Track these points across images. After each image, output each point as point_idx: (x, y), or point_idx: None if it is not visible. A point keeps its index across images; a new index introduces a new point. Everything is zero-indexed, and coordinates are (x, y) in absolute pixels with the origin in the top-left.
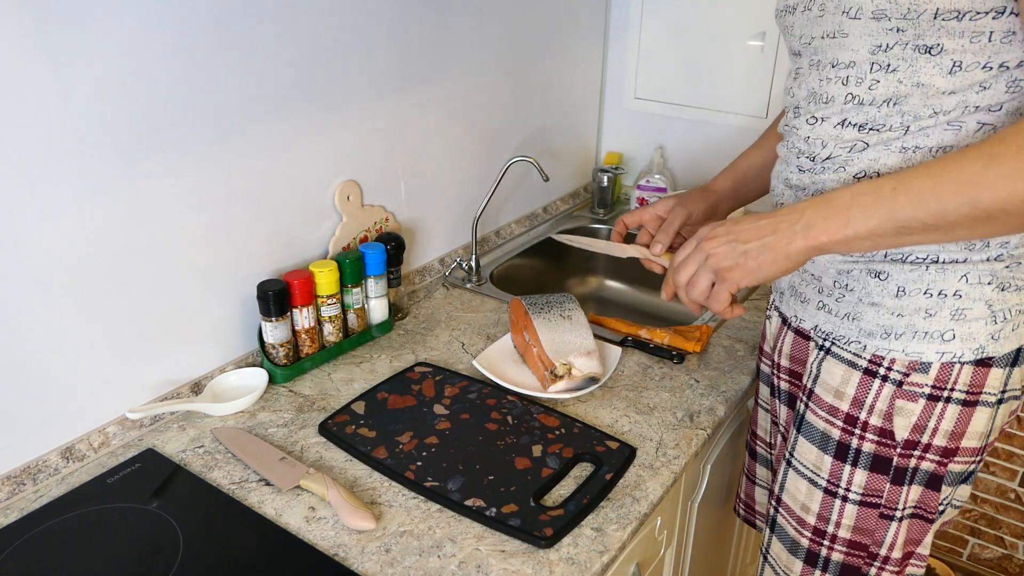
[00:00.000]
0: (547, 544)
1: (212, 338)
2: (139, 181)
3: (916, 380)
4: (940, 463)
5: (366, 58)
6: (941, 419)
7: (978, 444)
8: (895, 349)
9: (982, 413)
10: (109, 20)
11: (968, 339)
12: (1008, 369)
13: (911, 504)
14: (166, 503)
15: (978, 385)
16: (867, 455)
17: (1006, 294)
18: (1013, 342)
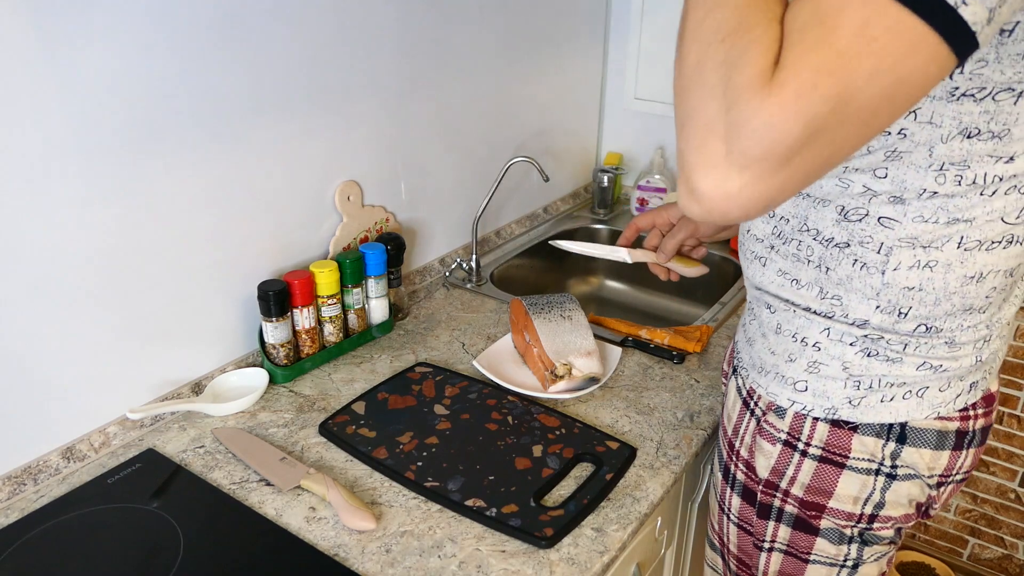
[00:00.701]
0: (547, 544)
1: (212, 338)
2: (140, 181)
3: (773, 422)
4: (810, 515)
5: (367, 58)
6: (798, 470)
7: (853, 509)
8: (761, 385)
9: (852, 478)
10: (110, 20)
11: (820, 395)
12: (891, 443)
13: (781, 541)
14: (166, 503)
15: (839, 447)
16: (740, 483)
17: (872, 361)
18: (884, 415)
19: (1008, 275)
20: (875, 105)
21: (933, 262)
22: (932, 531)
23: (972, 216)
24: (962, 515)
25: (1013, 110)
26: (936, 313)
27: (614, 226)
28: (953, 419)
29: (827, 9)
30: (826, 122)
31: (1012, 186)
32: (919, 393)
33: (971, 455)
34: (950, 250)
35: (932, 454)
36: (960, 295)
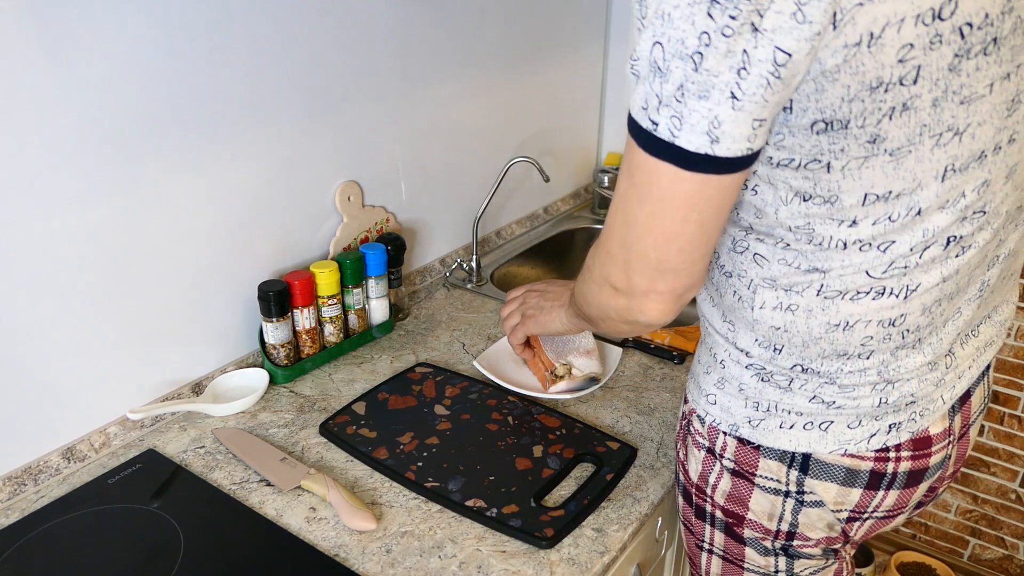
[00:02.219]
0: (548, 545)
1: (213, 339)
2: (140, 181)
3: (696, 428)
4: (732, 522)
5: (367, 58)
6: (720, 478)
7: (769, 525)
8: (689, 390)
9: (762, 496)
10: (110, 20)
11: (726, 411)
12: (794, 471)
13: (718, 545)
14: (167, 504)
15: (747, 464)
16: (680, 482)
17: (766, 386)
18: (784, 441)
19: (888, 324)
20: (655, 227)
21: (794, 306)
22: (932, 531)
23: (828, 267)
24: (963, 515)
25: (830, 177)
26: (809, 355)
27: None
28: (866, 459)
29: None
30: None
31: (866, 245)
32: (822, 426)
33: (893, 496)
34: (810, 296)
35: (839, 489)
36: (828, 340)
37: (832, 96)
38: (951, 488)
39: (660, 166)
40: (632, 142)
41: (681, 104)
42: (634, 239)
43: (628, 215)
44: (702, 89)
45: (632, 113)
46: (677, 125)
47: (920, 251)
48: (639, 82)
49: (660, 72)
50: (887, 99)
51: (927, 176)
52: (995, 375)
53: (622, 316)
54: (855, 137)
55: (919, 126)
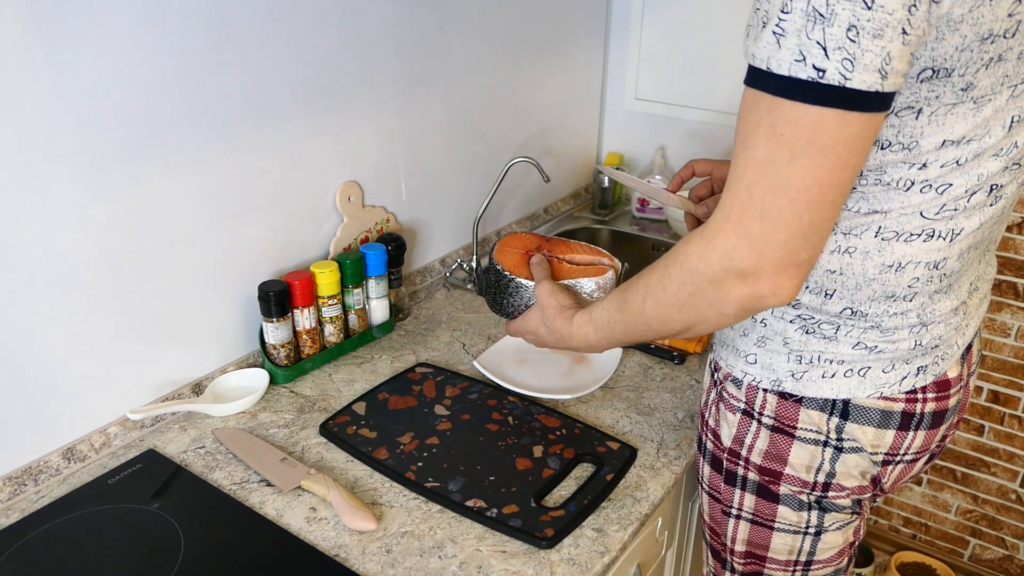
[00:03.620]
0: (548, 545)
1: (213, 339)
2: (141, 181)
3: (732, 392)
4: (767, 480)
5: (367, 58)
6: (756, 437)
7: (807, 477)
8: (722, 357)
9: (802, 448)
10: (111, 20)
11: (767, 368)
12: (834, 419)
13: (747, 509)
14: (167, 504)
15: (787, 418)
16: (709, 451)
17: (810, 338)
18: (826, 390)
19: (932, 267)
20: (813, 180)
21: (852, 248)
22: (933, 532)
23: (888, 208)
24: (963, 516)
25: (916, 124)
26: (859, 298)
27: (615, 226)
28: (898, 400)
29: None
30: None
31: (928, 186)
32: (861, 372)
33: (921, 436)
34: (868, 238)
35: (876, 432)
36: (880, 282)
37: (948, 45)
38: (951, 488)
39: (825, 113)
40: (779, 101)
41: (855, 44)
42: (783, 203)
43: (775, 179)
44: (877, 27)
45: (780, 71)
46: (849, 67)
47: (970, 195)
48: (784, 38)
49: (822, 17)
50: (990, 50)
51: (996, 124)
52: (995, 375)
53: (744, 306)
54: (952, 85)
55: (1003, 76)
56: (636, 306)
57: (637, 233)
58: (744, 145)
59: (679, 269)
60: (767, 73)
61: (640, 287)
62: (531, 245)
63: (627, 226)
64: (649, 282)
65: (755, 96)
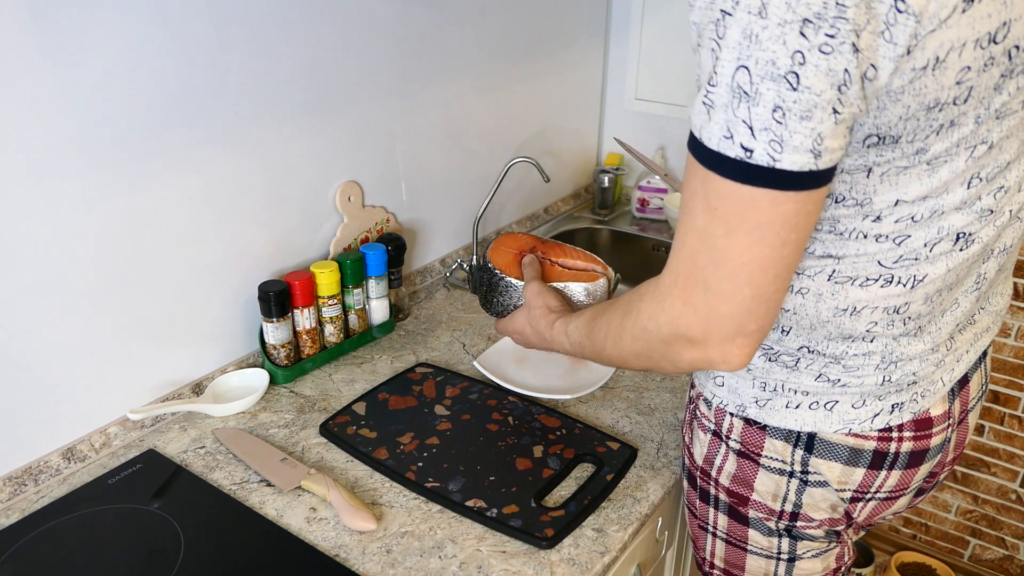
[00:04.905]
0: (548, 545)
1: (213, 339)
2: (141, 182)
3: (703, 411)
4: (735, 503)
5: (367, 58)
6: (725, 460)
7: (773, 505)
8: (695, 375)
9: (767, 476)
10: (110, 20)
11: (733, 392)
12: (799, 451)
13: (721, 528)
14: (167, 504)
15: (753, 444)
16: (686, 467)
17: (773, 366)
18: (790, 421)
19: (892, 312)
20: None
21: (804, 289)
22: (933, 532)
23: (843, 254)
24: (963, 516)
25: (868, 182)
26: (815, 337)
27: (615, 226)
28: (869, 438)
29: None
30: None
31: (883, 237)
32: (827, 406)
33: (895, 476)
34: (820, 281)
35: (843, 468)
36: (835, 324)
37: (891, 115)
38: (951, 488)
39: (755, 193)
40: (710, 174)
41: (781, 126)
42: (723, 277)
43: (714, 252)
44: (805, 109)
45: (710, 145)
46: (777, 148)
47: (932, 245)
48: (713, 111)
49: (747, 96)
50: (939, 118)
51: (955, 183)
52: (995, 375)
53: (696, 366)
54: (902, 150)
55: (959, 139)
56: (599, 342)
57: (637, 233)
58: (685, 211)
59: (632, 323)
60: (700, 143)
61: (603, 325)
62: (525, 246)
63: (627, 226)
64: (610, 323)
65: (692, 163)
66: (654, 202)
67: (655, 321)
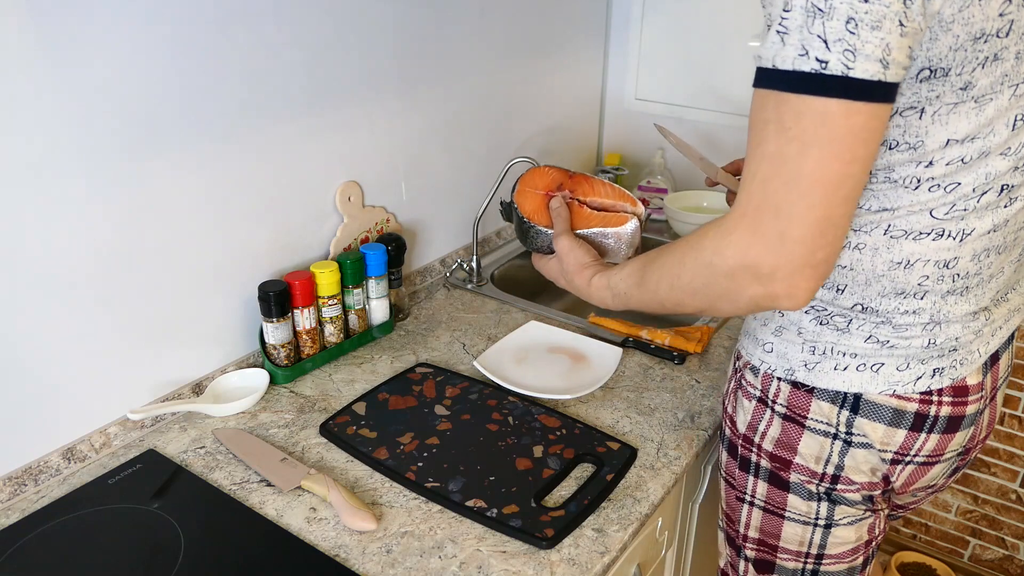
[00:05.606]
0: (548, 545)
1: (213, 339)
2: (141, 182)
3: (750, 380)
4: (777, 468)
5: (367, 59)
6: (769, 425)
7: (816, 468)
8: (744, 346)
9: (812, 438)
10: (110, 20)
11: (782, 356)
12: (845, 412)
13: (759, 496)
14: (167, 504)
15: (799, 407)
16: (726, 438)
17: (823, 329)
18: (837, 382)
19: (942, 266)
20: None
21: (862, 244)
22: (933, 532)
23: (897, 205)
24: (963, 516)
25: (920, 123)
26: (869, 294)
27: None
28: (912, 400)
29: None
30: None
31: (935, 184)
32: (874, 368)
33: (934, 440)
34: (877, 235)
35: (886, 430)
36: (889, 279)
37: (942, 45)
38: (951, 488)
39: (829, 104)
40: (785, 96)
41: (854, 36)
42: (795, 199)
43: (788, 173)
44: (875, 19)
45: (784, 67)
46: (851, 58)
47: (979, 195)
48: (787, 36)
49: (821, 12)
50: (984, 49)
51: (1000, 123)
52: None
53: (757, 304)
54: (951, 84)
55: (1002, 76)
56: (652, 286)
57: None
58: (756, 143)
59: (694, 260)
60: (772, 71)
61: (657, 268)
62: (553, 184)
63: None
64: (665, 264)
65: (763, 95)
66: (654, 202)
67: (720, 254)
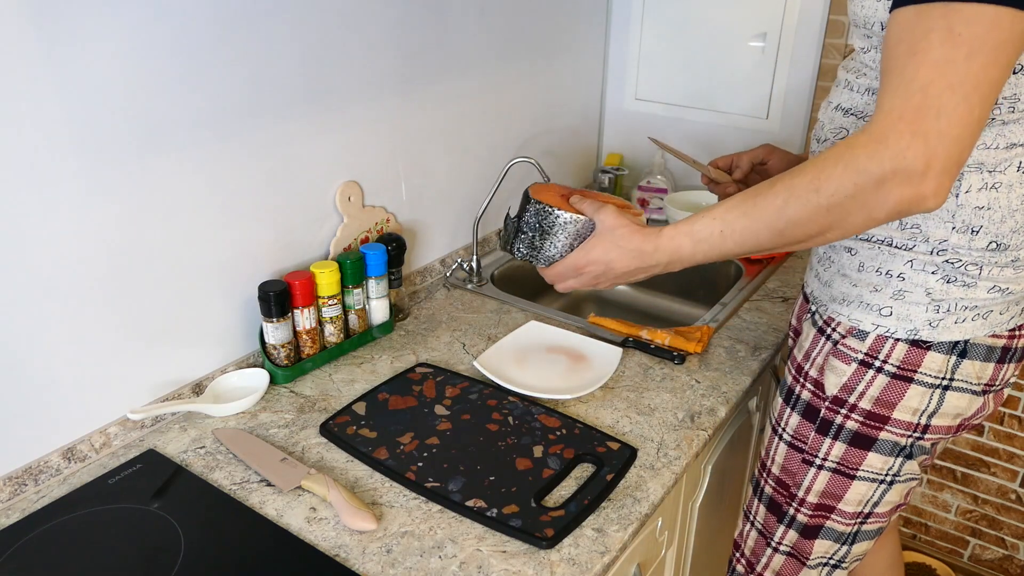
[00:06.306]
0: (548, 545)
1: (213, 339)
2: (141, 182)
3: (852, 344)
4: (867, 425)
5: (367, 58)
6: (870, 385)
7: (912, 419)
8: (842, 313)
9: (916, 391)
10: (111, 19)
11: (904, 319)
12: (953, 358)
13: (833, 458)
14: (167, 504)
15: (912, 363)
16: (803, 402)
17: (951, 287)
18: (955, 333)
19: None
20: (986, 77)
21: (998, 184)
22: (933, 532)
23: None
24: (963, 516)
25: None
26: (1003, 230)
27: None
28: (1002, 337)
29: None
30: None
31: None
32: (984, 315)
33: (1011, 369)
34: (1011, 173)
35: (981, 365)
36: (1022, 212)
37: None
38: (951, 488)
39: (1001, 12)
40: (956, 5)
41: None
42: (959, 100)
43: (952, 77)
44: None
45: None
46: None
47: None
48: None
49: None
50: None
51: None
52: None
53: (899, 210)
54: None
55: None
56: (772, 209)
57: None
58: (913, 52)
59: (842, 169)
60: None
61: (779, 191)
62: (565, 192)
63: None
64: (794, 185)
65: (921, 10)
66: (654, 202)
67: (875, 159)
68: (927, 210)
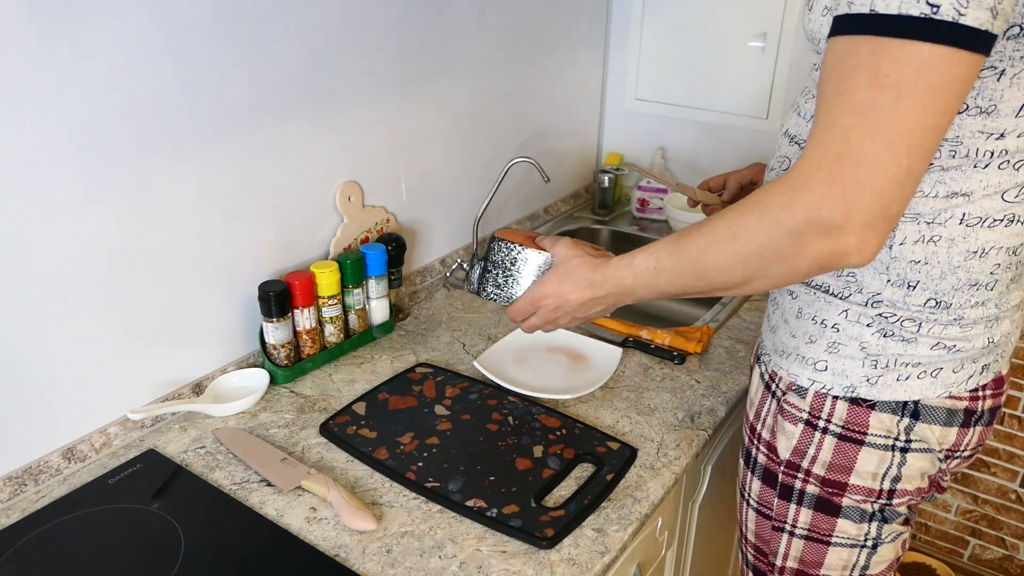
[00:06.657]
0: (548, 545)
1: (213, 339)
2: (141, 182)
3: (794, 402)
4: (830, 493)
5: (368, 58)
6: (820, 449)
7: (873, 485)
8: (782, 367)
9: (871, 454)
10: (111, 19)
11: (839, 374)
12: (906, 419)
13: (802, 525)
14: (167, 504)
15: (858, 424)
16: (760, 466)
17: (888, 341)
18: (899, 392)
19: (1012, 253)
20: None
21: (937, 236)
22: (933, 532)
23: (969, 189)
24: (963, 516)
25: (997, 86)
26: (943, 287)
27: (615, 226)
28: (963, 399)
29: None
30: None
31: (1005, 162)
32: (933, 374)
33: (977, 433)
34: (952, 225)
35: (942, 430)
36: (964, 269)
37: None
38: (951, 488)
39: (935, 51)
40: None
41: None
42: (881, 148)
43: (876, 123)
44: None
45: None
46: (964, 4)
47: None
48: None
49: None
50: None
51: None
52: None
53: (820, 263)
54: None
55: None
56: (694, 253)
57: (637, 233)
58: (839, 92)
59: (757, 217)
60: (871, 15)
61: (702, 234)
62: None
63: (627, 226)
64: (715, 230)
65: (853, 42)
66: (654, 202)
67: (789, 209)
68: (853, 266)
